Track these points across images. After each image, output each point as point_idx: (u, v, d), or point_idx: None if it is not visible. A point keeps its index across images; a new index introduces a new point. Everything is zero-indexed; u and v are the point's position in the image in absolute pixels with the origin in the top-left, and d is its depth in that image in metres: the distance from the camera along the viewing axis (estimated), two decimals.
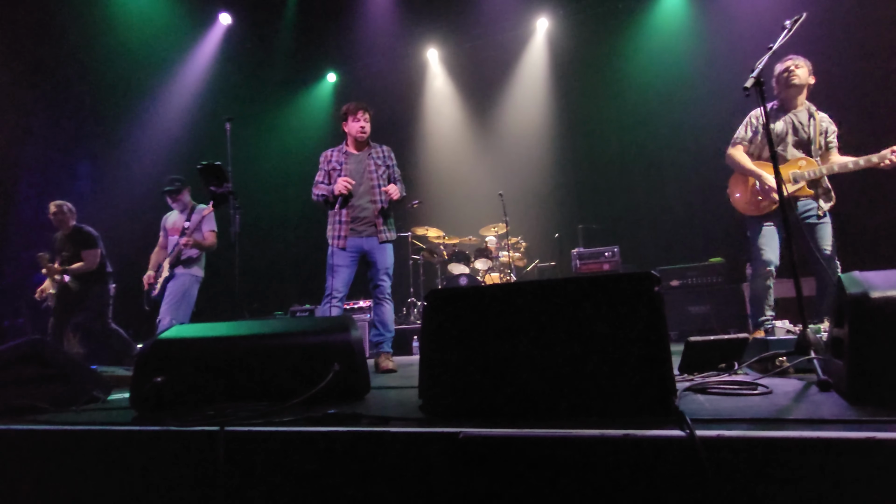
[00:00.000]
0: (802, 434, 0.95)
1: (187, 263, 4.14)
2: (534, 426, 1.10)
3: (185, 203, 4.30)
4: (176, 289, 4.07)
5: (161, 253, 4.35)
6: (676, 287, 5.23)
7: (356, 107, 3.43)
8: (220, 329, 1.81)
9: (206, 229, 4.18)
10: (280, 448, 1.25)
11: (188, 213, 4.26)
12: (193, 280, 4.17)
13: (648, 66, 6.73)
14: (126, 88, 6.52)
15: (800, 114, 3.14)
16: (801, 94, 3.15)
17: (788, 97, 3.15)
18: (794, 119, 3.14)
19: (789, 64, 3.11)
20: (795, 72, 3.08)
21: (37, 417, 1.70)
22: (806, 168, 3.03)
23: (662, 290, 1.22)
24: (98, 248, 4.53)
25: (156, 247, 4.40)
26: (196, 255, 4.20)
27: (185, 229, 4.14)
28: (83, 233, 4.51)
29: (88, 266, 4.44)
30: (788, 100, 3.16)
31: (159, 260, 4.29)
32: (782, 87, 3.14)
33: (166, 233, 4.35)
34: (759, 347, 2.08)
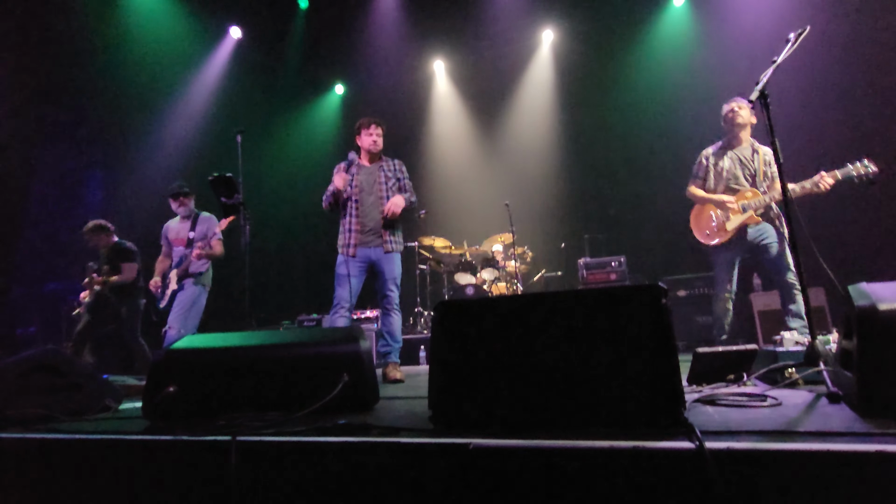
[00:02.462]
0: (812, 447, 0.95)
1: (196, 274, 4.17)
2: (543, 437, 1.11)
3: (190, 209, 4.34)
4: (184, 299, 4.10)
5: (164, 261, 4.37)
6: (684, 297, 5.21)
7: (369, 121, 3.53)
8: (230, 339, 1.83)
9: (214, 239, 4.21)
10: (291, 458, 1.26)
11: (191, 221, 4.28)
12: (201, 291, 4.21)
13: (653, 76, 6.77)
14: (138, 101, 6.64)
15: (744, 150, 3.52)
16: (744, 132, 3.51)
17: (734, 135, 3.53)
18: (740, 155, 3.51)
19: (733, 105, 3.50)
20: (739, 112, 3.47)
21: (50, 426, 1.72)
22: (752, 199, 3.40)
23: (670, 300, 1.23)
24: (136, 263, 4.65)
25: (160, 255, 4.43)
26: (205, 266, 4.24)
27: (190, 240, 4.17)
28: (124, 247, 4.69)
29: (127, 278, 4.56)
30: (734, 137, 3.54)
31: (164, 268, 4.32)
32: (729, 125, 3.53)
33: (169, 242, 4.37)
34: (767, 359, 2.07)
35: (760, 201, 3.35)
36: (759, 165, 3.44)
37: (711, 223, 3.54)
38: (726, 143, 3.60)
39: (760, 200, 3.36)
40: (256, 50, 7.85)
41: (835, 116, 5.36)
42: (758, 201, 3.36)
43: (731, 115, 3.49)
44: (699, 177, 3.66)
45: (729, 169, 3.51)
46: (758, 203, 3.36)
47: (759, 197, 3.37)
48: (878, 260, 4.89)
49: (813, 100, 5.49)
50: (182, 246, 4.22)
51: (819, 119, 5.39)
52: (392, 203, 3.37)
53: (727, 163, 3.52)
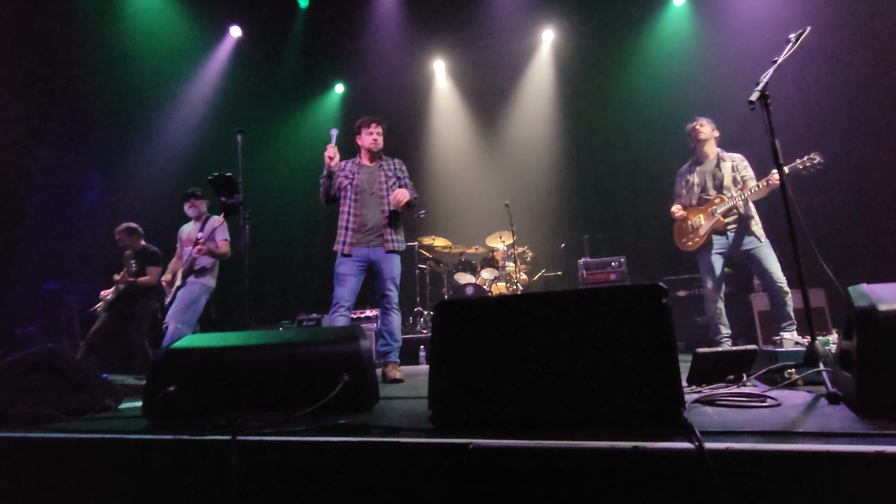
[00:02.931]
0: (812, 447, 0.95)
1: (199, 273, 4.24)
2: (544, 438, 1.11)
3: (202, 212, 4.47)
4: (184, 296, 4.16)
5: (178, 262, 4.50)
6: (684, 297, 5.21)
7: (369, 120, 3.53)
8: (231, 339, 1.83)
9: (219, 238, 4.29)
10: (291, 457, 1.26)
11: (202, 223, 4.40)
12: (203, 289, 4.26)
13: (653, 76, 6.77)
14: (137, 100, 6.63)
15: (709, 163, 3.77)
16: (709, 146, 3.77)
17: (700, 150, 3.80)
18: (709, 168, 3.76)
19: (694, 124, 3.78)
20: (700, 129, 3.74)
21: (50, 426, 1.72)
22: (719, 204, 3.65)
23: (669, 300, 1.23)
24: (160, 267, 4.74)
25: (174, 257, 4.57)
26: (209, 264, 4.31)
27: (198, 240, 4.25)
28: (150, 251, 4.79)
29: (151, 281, 4.67)
30: (700, 152, 3.80)
31: (176, 268, 4.44)
32: (693, 142, 3.81)
33: (182, 244, 4.50)
34: (766, 360, 2.07)
35: (726, 204, 3.61)
36: (726, 173, 3.67)
37: (688, 232, 3.84)
38: (694, 159, 3.88)
39: (726, 204, 3.61)
40: (256, 49, 7.85)
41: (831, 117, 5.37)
42: (724, 205, 3.62)
43: (694, 132, 3.77)
44: (677, 195, 3.97)
45: (699, 183, 3.78)
46: (724, 207, 3.61)
47: (724, 201, 3.63)
48: (878, 262, 4.90)
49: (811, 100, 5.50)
50: (190, 246, 4.31)
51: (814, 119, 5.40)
52: (397, 193, 3.37)
53: (697, 178, 3.80)
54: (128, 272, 4.59)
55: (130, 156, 6.59)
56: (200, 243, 4.14)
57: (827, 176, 4.74)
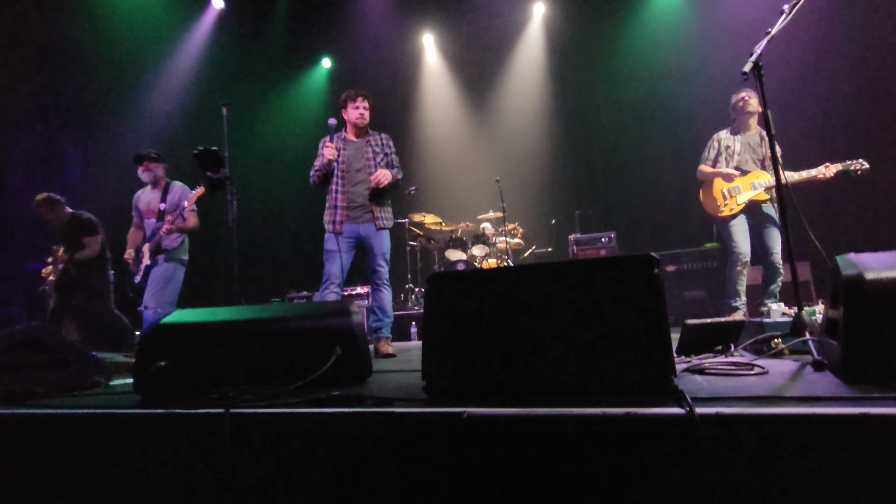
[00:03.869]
0: (798, 410, 0.97)
1: (171, 251, 3.97)
2: (536, 405, 1.12)
3: (158, 177, 4.09)
4: (158, 276, 3.90)
5: (137, 233, 4.17)
6: (672, 272, 5.27)
7: (356, 93, 3.43)
8: (221, 314, 1.82)
9: (186, 210, 3.97)
10: (286, 429, 1.27)
11: (161, 191, 4.05)
12: (177, 266, 3.99)
13: (646, 51, 6.70)
14: (118, 73, 6.43)
15: (752, 136, 3.82)
16: (753, 119, 3.82)
17: (743, 122, 3.82)
18: (751, 141, 3.81)
19: (743, 94, 3.79)
20: (749, 101, 3.75)
21: (40, 402, 1.71)
22: (762, 178, 3.72)
23: (661, 276, 1.24)
24: (99, 234, 4.44)
25: (131, 227, 4.23)
26: (179, 240, 4.01)
27: (161, 211, 3.94)
28: (82, 219, 4.42)
29: (92, 252, 4.37)
30: (744, 124, 3.83)
31: (136, 240, 4.13)
32: (739, 113, 3.82)
33: (140, 213, 4.15)
34: (754, 330, 2.11)
35: (769, 181, 3.66)
36: (766, 151, 3.73)
37: (722, 197, 3.82)
38: (735, 128, 3.88)
39: (769, 181, 3.66)
40: (240, 21, 7.61)
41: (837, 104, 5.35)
42: (767, 181, 3.70)
43: (742, 103, 3.77)
44: (709, 158, 3.94)
45: (740, 152, 3.80)
46: (767, 183, 3.69)
47: (767, 177, 3.71)
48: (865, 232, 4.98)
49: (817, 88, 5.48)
50: (153, 218, 4.01)
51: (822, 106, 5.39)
52: (380, 173, 3.30)
53: (738, 146, 3.81)
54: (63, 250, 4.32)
55: (111, 130, 6.42)
56: (169, 221, 3.85)
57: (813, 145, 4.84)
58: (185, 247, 4.09)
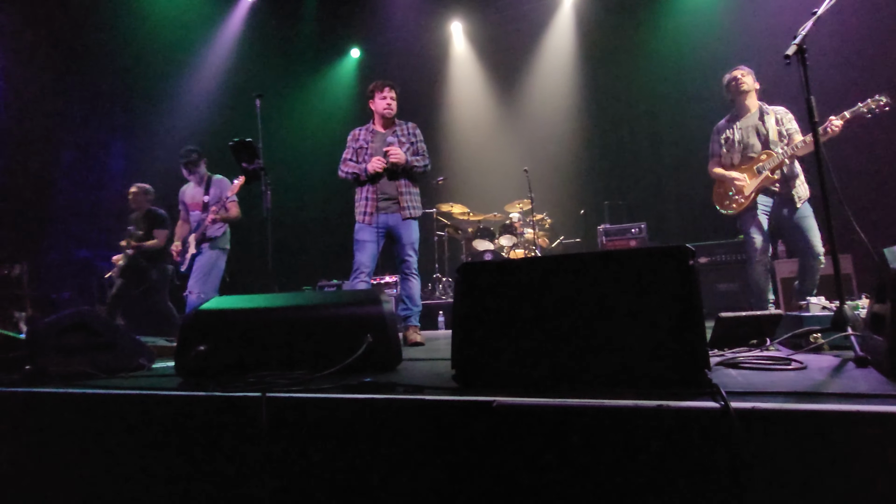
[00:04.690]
0: (840, 407, 0.94)
1: (214, 240, 4.24)
2: (566, 396, 1.12)
3: (202, 175, 4.39)
4: (203, 264, 4.18)
5: (184, 226, 4.48)
6: (705, 264, 5.13)
7: (382, 84, 3.44)
8: (257, 301, 1.87)
9: (229, 201, 4.23)
10: (319, 414, 1.30)
11: (205, 185, 4.35)
12: (220, 254, 4.27)
13: (679, 37, 6.48)
14: (156, 67, 6.62)
15: (752, 117, 3.50)
16: (750, 99, 3.50)
17: (740, 103, 3.52)
18: (752, 123, 3.49)
19: (735, 73, 3.50)
20: (742, 79, 3.46)
21: (89, 383, 1.80)
22: (766, 160, 3.39)
23: (696, 268, 1.21)
24: (167, 230, 4.79)
25: (178, 220, 4.55)
26: (222, 230, 4.29)
27: (205, 204, 4.24)
28: (156, 214, 4.84)
29: (159, 244, 4.73)
30: (741, 106, 3.52)
31: (183, 233, 4.43)
32: (734, 94, 3.52)
33: (186, 207, 4.47)
34: (792, 324, 2.04)
35: (774, 160, 3.35)
36: (770, 127, 3.42)
37: (731, 193, 3.56)
38: (734, 113, 3.61)
39: (774, 160, 3.35)
40: (271, 14, 7.71)
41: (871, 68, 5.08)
42: (771, 161, 3.37)
43: (735, 83, 3.50)
44: (716, 154, 3.68)
45: (741, 140, 3.52)
46: (772, 163, 3.36)
47: (772, 157, 3.37)
48: None
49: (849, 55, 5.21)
50: (198, 210, 4.30)
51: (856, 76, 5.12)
52: (391, 149, 3.30)
53: (738, 134, 3.53)
54: (132, 237, 4.64)
55: (151, 124, 6.64)
56: (213, 212, 4.12)
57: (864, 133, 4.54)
58: (228, 236, 4.36)
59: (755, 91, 3.52)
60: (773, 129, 3.41)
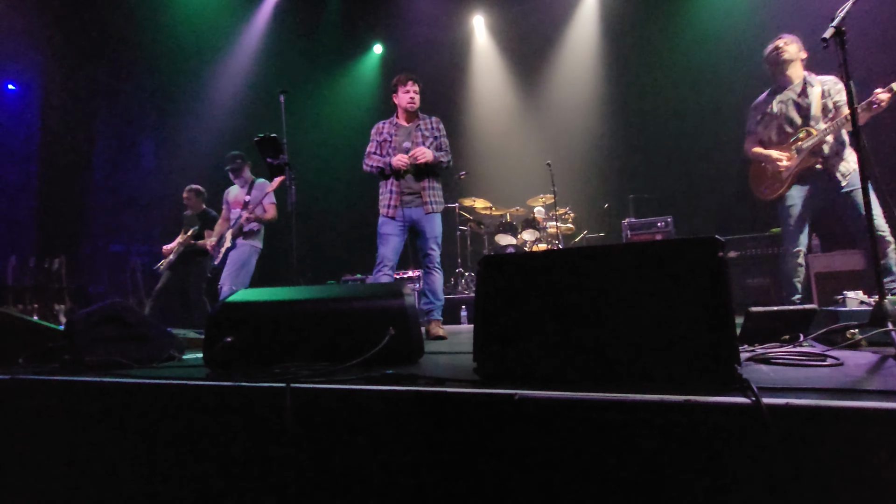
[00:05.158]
0: (879, 405, 0.90)
1: (248, 235, 4.45)
2: (590, 390, 1.10)
3: (246, 178, 4.66)
4: (236, 258, 4.39)
5: (224, 224, 4.70)
6: (734, 258, 4.99)
7: (406, 77, 3.45)
8: (282, 293, 1.90)
9: (267, 202, 4.48)
10: (343, 404, 1.32)
11: (248, 187, 4.59)
12: (253, 251, 4.48)
13: (706, 29, 6.28)
14: (182, 66, 6.78)
15: (795, 88, 3.23)
16: (793, 69, 3.23)
17: (781, 73, 3.26)
18: (793, 95, 3.23)
19: (777, 42, 3.25)
20: (785, 48, 3.21)
21: (122, 372, 1.86)
22: (805, 139, 3.12)
23: (726, 260, 1.18)
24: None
25: (219, 219, 4.79)
26: (257, 227, 4.52)
27: (246, 203, 4.45)
28: (210, 216, 5.14)
29: (208, 244, 4.91)
30: (782, 76, 3.27)
31: (222, 231, 4.65)
32: (773, 65, 3.29)
33: (228, 206, 4.70)
34: (827, 319, 1.97)
35: (814, 139, 3.07)
36: (814, 100, 3.12)
37: (767, 176, 3.31)
38: (775, 86, 3.34)
39: (814, 138, 3.07)
40: (295, 10, 7.80)
41: None
42: (812, 140, 3.08)
43: (776, 53, 3.24)
44: (753, 132, 3.44)
45: (779, 113, 3.24)
46: (813, 142, 3.08)
47: (812, 135, 3.09)
48: None
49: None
50: (239, 208, 4.52)
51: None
52: (419, 150, 3.31)
53: (777, 107, 3.26)
54: (189, 235, 4.91)
55: (180, 122, 6.81)
56: (249, 210, 4.35)
57: None
58: (261, 235, 4.59)
59: (801, 61, 3.22)
60: (817, 102, 3.11)
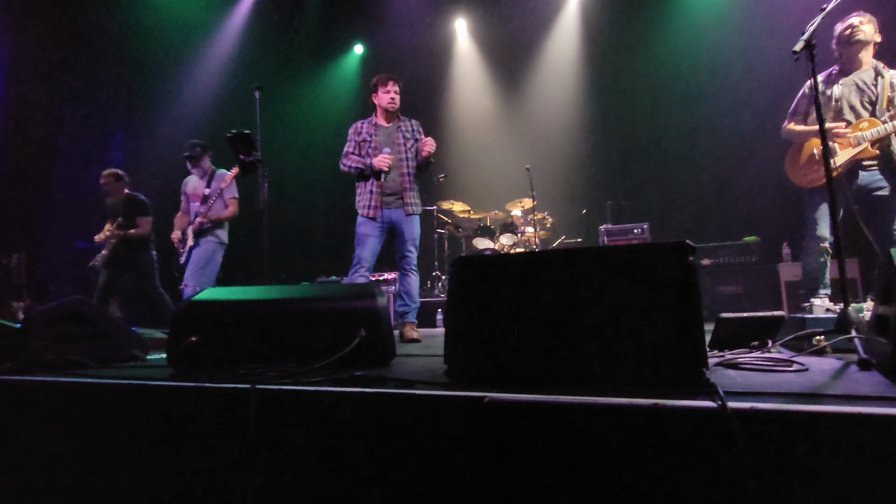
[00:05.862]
0: (841, 409, 0.92)
1: (210, 231, 4.20)
2: (560, 393, 1.09)
3: (206, 169, 4.34)
4: (199, 255, 4.15)
5: (184, 217, 4.41)
6: (707, 266, 5.10)
7: (386, 77, 3.42)
8: (251, 293, 1.85)
9: (228, 196, 4.21)
10: (309, 407, 1.28)
11: (208, 178, 4.29)
12: (217, 246, 4.23)
13: (686, 35, 6.42)
14: (157, 57, 6.61)
15: (864, 73, 2.94)
16: (864, 53, 2.94)
17: (850, 56, 2.95)
18: (857, 80, 2.94)
19: (853, 20, 2.91)
20: (860, 27, 2.89)
21: (80, 372, 1.79)
22: (868, 128, 2.81)
23: (696, 264, 1.18)
24: (150, 216, 4.66)
25: (179, 211, 4.48)
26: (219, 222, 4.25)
27: (205, 196, 4.18)
28: (139, 200, 4.64)
29: (143, 232, 4.57)
30: (850, 60, 2.96)
31: (183, 224, 4.37)
32: (843, 46, 2.95)
33: (187, 198, 4.41)
34: (794, 326, 2.01)
35: (879, 131, 2.81)
36: (882, 90, 2.86)
37: (814, 161, 3.00)
38: (840, 68, 3.04)
39: (879, 130, 2.81)
40: (275, 8, 7.70)
41: None
42: (876, 131, 2.81)
43: (850, 31, 2.91)
44: (799, 112, 3.14)
45: (841, 97, 2.95)
46: (875, 133, 2.81)
47: (877, 126, 2.82)
48: None
49: None
50: (198, 202, 4.24)
51: None
52: (428, 141, 3.34)
53: (839, 90, 2.96)
54: (116, 226, 4.49)
55: (151, 116, 6.63)
56: (207, 205, 4.07)
57: None
58: (226, 229, 4.33)
59: (874, 45, 2.96)
60: (885, 93, 2.86)
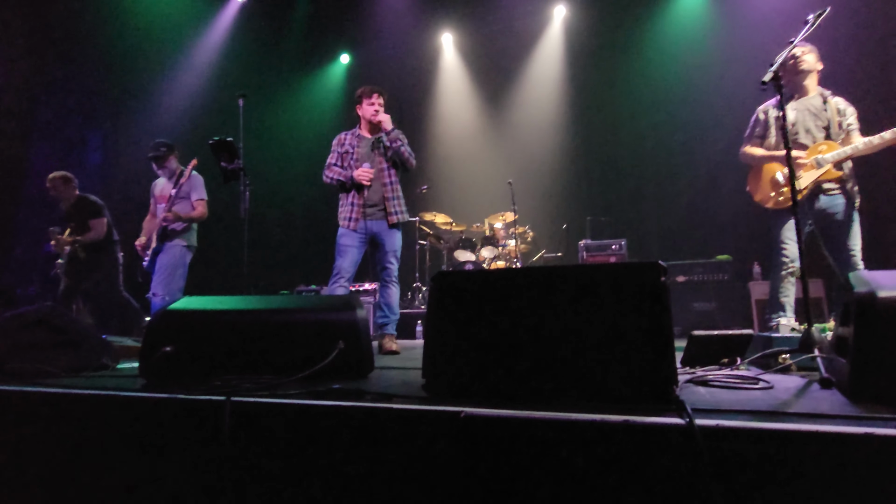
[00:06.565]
0: (801, 427, 0.96)
1: (175, 235, 3.97)
2: (535, 409, 1.11)
3: (173, 169, 4.14)
4: (166, 262, 3.91)
5: (152, 221, 4.21)
6: (682, 283, 5.21)
7: (371, 90, 3.44)
8: (228, 302, 1.84)
9: (195, 198, 3.99)
10: (284, 419, 1.27)
11: (175, 178, 4.08)
12: (184, 251, 4.00)
13: (664, 58, 6.63)
14: (140, 61, 6.52)
15: (813, 99, 3.10)
16: (810, 80, 3.11)
17: (797, 84, 3.11)
18: (808, 105, 3.09)
19: (795, 51, 3.02)
20: (802, 58, 3.06)
21: (48, 381, 1.74)
22: (828, 151, 2.94)
23: (668, 284, 1.22)
24: (104, 217, 4.46)
25: (148, 214, 4.29)
26: (181, 227, 4.02)
27: (171, 197, 3.97)
28: (88, 202, 4.44)
29: (97, 235, 4.38)
30: (798, 87, 3.12)
31: (151, 228, 4.14)
32: (790, 74, 3.10)
33: (155, 200, 4.21)
34: (762, 344, 2.08)
35: (840, 153, 2.91)
36: (832, 116, 3.01)
37: (778, 183, 3.09)
38: (789, 94, 3.16)
39: (840, 153, 2.91)
40: (261, 15, 7.69)
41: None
42: (836, 154, 2.92)
43: (793, 62, 3.05)
44: (756, 135, 3.25)
45: (797, 121, 3.07)
46: (836, 156, 2.92)
47: (836, 149, 2.93)
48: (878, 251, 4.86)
49: None
50: (164, 203, 4.01)
51: None
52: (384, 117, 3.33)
53: (793, 115, 3.07)
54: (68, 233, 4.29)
55: (132, 118, 6.52)
56: (166, 213, 3.84)
57: None
58: (194, 233, 4.11)
59: (816, 73, 3.11)
60: (835, 118, 3.01)
